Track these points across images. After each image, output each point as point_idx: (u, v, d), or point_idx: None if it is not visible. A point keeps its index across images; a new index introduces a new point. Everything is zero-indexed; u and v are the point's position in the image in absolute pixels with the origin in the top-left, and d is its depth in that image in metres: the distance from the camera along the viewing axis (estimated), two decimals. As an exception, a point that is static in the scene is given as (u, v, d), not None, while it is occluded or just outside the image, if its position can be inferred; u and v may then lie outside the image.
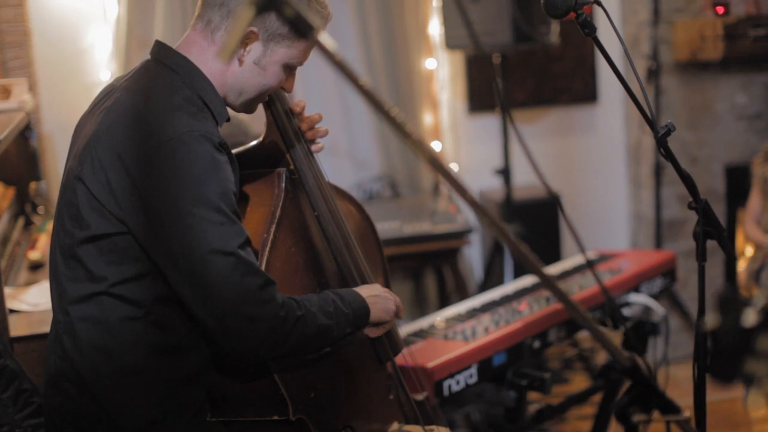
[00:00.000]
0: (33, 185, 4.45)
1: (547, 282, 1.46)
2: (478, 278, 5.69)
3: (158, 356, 2.30)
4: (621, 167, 6.03)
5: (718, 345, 1.17)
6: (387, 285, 2.80)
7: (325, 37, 1.49)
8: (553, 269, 4.16)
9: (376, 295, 2.52)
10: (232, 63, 2.36)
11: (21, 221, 4.51)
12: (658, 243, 5.63)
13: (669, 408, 1.48)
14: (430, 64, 5.61)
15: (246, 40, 2.33)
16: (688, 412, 1.51)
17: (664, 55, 5.49)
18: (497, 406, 3.50)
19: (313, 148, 2.69)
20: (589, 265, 1.74)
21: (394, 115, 1.45)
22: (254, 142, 2.68)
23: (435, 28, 5.55)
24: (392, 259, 5.00)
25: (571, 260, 4.33)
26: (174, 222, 2.17)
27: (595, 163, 6.01)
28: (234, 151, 2.51)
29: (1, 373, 3.09)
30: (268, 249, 2.44)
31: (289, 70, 2.44)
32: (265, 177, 2.59)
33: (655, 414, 1.51)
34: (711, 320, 1.18)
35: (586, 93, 5.88)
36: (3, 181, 4.42)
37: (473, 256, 5.82)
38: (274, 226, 2.49)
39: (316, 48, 1.49)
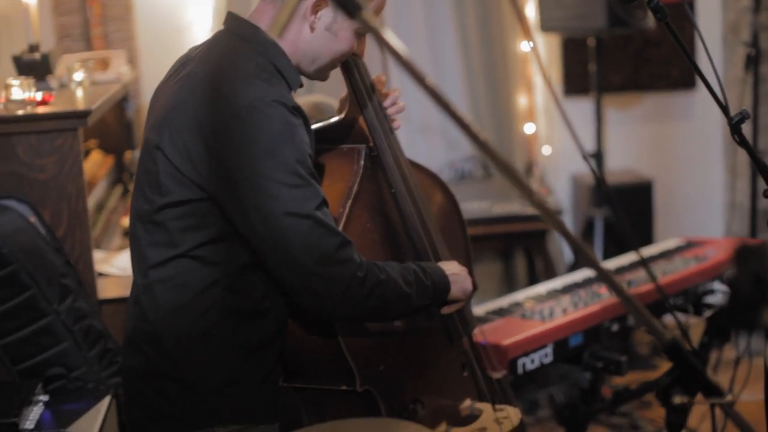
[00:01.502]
0: (129, 154, 4.58)
1: (580, 250, 1.48)
2: (567, 261, 5.68)
3: (233, 320, 2.38)
4: (718, 155, 5.95)
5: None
6: (469, 266, 2.82)
7: (374, 20, 1.52)
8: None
9: (456, 273, 2.56)
10: (303, 30, 2.41)
11: (118, 189, 4.64)
12: (753, 232, 5.55)
13: (712, 391, 1.49)
14: (524, 47, 5.60)
15: (316, 7, 2.38)
16: (731, 396, 1.52)
17: (764, 42, 5.39)
18: (575, 388, 3.50)
19: (393, 125, 2.73)
20: (642, 263, 1.75)
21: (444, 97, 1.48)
22: (335, 118, 2.73)
23: (531, 10, 5.53)
24: (481, 238, 5.04)
25: (658, 245, 4.31)
26: (251, 186, 2.24)
27: (692, 151, 5.93)
28: (314, 126, 2.56)
29: (88, 332, 3.21)
30: (342, 224, 2.50)
31: (360, 36, 2.49)
32: (343, 153, 2.64)
33: (699, 397, 1.52)
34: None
35: (683, 79, 5.81)
36: (102, 149, 4.56)
37: (563, 239, 5.80)
38: (350, 201, 2.54)
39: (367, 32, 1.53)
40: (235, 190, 2.28)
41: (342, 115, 2.71)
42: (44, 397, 3.00)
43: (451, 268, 2.58)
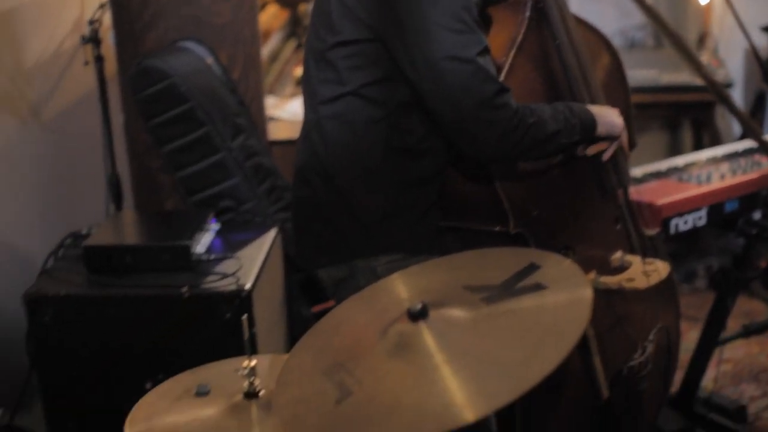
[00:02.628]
0: (303, 8, 4.70)
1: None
2: (735, 133, 5.60)
3: (395, 157, 2.49)
4: None
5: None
6: (629, 125, 2.85)
7: None
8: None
9: (604, 113, 2.61)
10: None
11: (292, 42, 4.79)
12: None
13: None
14: None
15: None
16: None
17: None
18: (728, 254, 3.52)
19: None
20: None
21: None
22: (501, -29, 2.77)
23: None
24: (648, 106, 5.03)
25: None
26: (417, 29, 2.33)
27: None
28: None
29: (258, 169, 3.39)
30: (505, 72, 2.56)
31: None
32: (510, 4, 2.69)
33: None
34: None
35: None
36: (278, 3, 4.69)
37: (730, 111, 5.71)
38: (513, 51, 2.60)
39: None
40: (402, 33, 2.37)
41: None
42: (215, 226, 3.20)
43: (602, 109, 2.63)
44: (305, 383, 1.83)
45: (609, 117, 2.61)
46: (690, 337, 3.86)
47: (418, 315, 1.77)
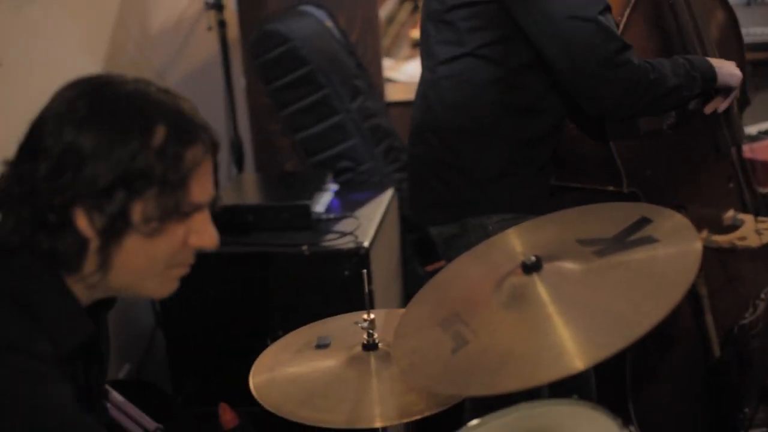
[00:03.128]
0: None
1: None
2: None
3: (511, 117, 2.54)
4: None
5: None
6: (743, 81, 2.85)
7: None
8: None
9: (722, 64, 2.63)
10: None
11: (408, 4, 4.85)
12: None
13: None
14: None
15: None
16: None
17: None
18: None
19: None
20: None
21: None
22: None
23: None
24: (764, 64, 4.95)
25: None
26: None
27: None
28: None
29: (375, 130, 3.47)
30: (621, 30, 2.59)
31: None
32: None
33: None
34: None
35: None
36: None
37: None
38: (629, 9, 2.62)
39: None
40: None
41: None
42: (334, 186, 3.30)
43: (721, 61, 2.64)
44: (422, 334, 1.90)
45: (728, 68, 2.62)
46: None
47: (531, 267, 1.83)
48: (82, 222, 1.47)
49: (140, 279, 1.55)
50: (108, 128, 1.45)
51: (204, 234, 1.56)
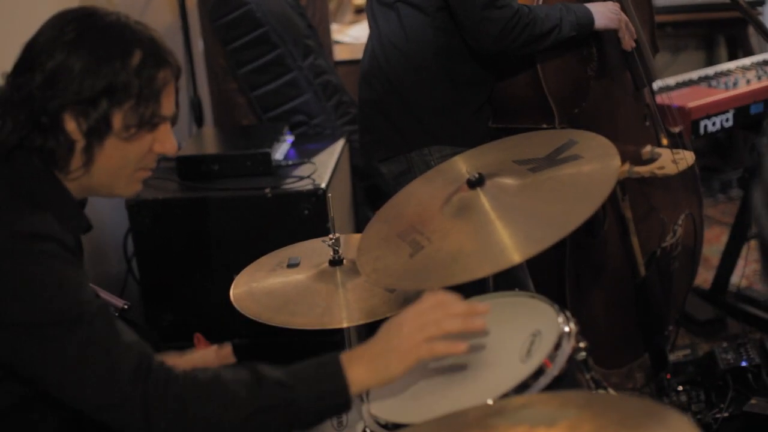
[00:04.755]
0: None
1: None
2: (771, 51, 5.85)
3: (443, 57, 2.88)
4: None
5: None
6: (650, 33, 3.20)
7: None
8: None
9: (600, 8, 2.94)
10: None
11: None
12: None
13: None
14: None
15: None
16: None
17: None
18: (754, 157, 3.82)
19: None
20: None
21: None
22: None
23: None
24: (684, 24, 5.30)
25: None
26: None
27: None
28: None
29: (326, 86, 3.76)
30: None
31: None
32: None
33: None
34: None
35: None
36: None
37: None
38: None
39: None
40: None
41: None
42: (290, 137, 3.59)
43: (599, 5, 2.95)
44: (383, 244, 2.21)
45: (605, 12, 2.94)
46: (723, 241, 4.12)
47: (475, 183, 2.14)
48: (71, 125, 1.76)
49: (114, 178, 1.85)
50: (94, 50, 1.75)
51: (166, 142, 1.87)
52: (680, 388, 3.10)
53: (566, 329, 1.91)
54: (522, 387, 1.80)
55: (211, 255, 3.28)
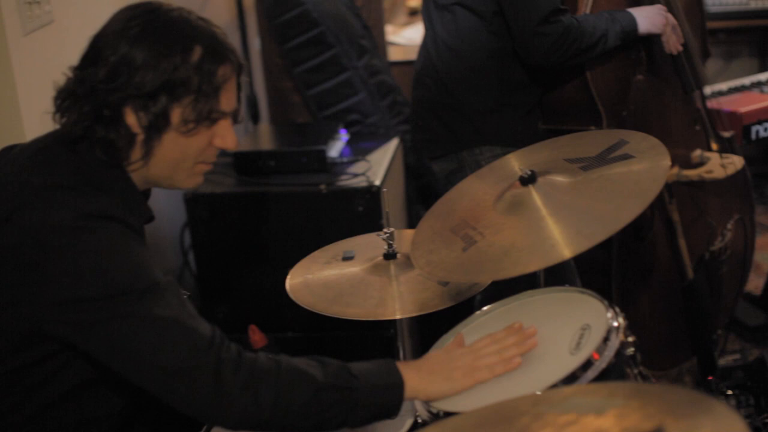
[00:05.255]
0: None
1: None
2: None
3: (495, 60, 2.94)
4: None
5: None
6: (703, 44, 3.23)
7: None
8: None
9: (643, 12, 2.98)
10: None
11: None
12: None
13: None
14: None
15: None
16: None
17: None
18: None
19: None
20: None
21: None
22: None
23: None
24: (736, 31, 5.30)
25: None
26: None
27: None
28: None
29: (381, 86, 3.83)
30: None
31: None
32: None
33: None
34: None
35: None
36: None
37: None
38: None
39: None
40: None
41: None
42: (345, 136, 3.65)
43: (641, 9, 2.98)
44: (436, 239, 2.26)
45: (649, 17, 2.97)
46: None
47: (528, 180, 2.19)
48: (131, 118, 1.83)
49: (173, 171, 1.92)
50: (156, 45, 1.81)
51: (226, 137, 1.93)
52: (729, 392, 3.12)
53: (615, 324, 1.95)
54: (570, 378, 1.85)
55: (266, 249, 3.35)
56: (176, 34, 1.84)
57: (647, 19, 2.97)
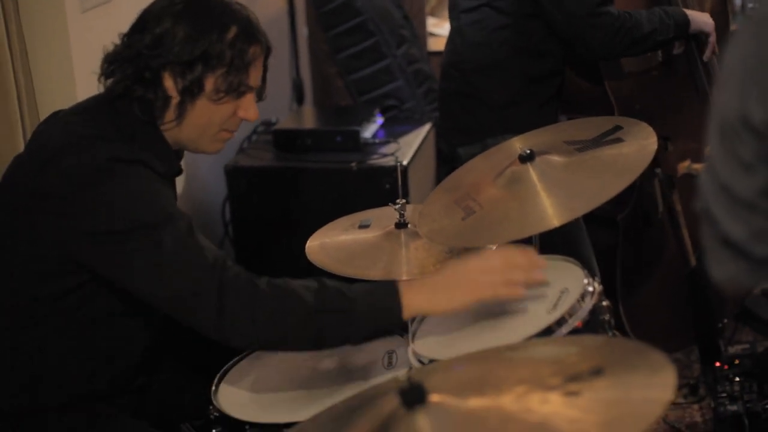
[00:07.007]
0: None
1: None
2: None
3: (518, 56, 3.12)
4: None
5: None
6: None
7: None
8: None
9: (695, 13, 3.12)
10: None
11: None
12: None
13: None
14: None
15: None
16: None
17: None
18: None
19: None
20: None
21: None
22: None
23: None
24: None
25: None
26: None
27: None
28: None
29: (418, 74, 4.03)
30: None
31: None
32: None
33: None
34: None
35: None
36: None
37: None
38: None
39: None
40: None
41: None
42: (380, 119, 3.86)
43: (694, 11, 3.13)
44: (440, 209, 2.47)
45: (701, 16, 3.14)
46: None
47: (526, 158, 2.37)
48: (169, 82, 2.08)
49: (200, 134, 2.16)
50: (196, 22, 2.07)
51: (249, 109, 2.18)
52: (737, 379, 3.23)
53: (590, 289, 2.14)
54: (546, 332, 2.03)
55: (298, 221, 3.55)
56: (216, 14, 2.09)
57: (699, 17, 3.11)
